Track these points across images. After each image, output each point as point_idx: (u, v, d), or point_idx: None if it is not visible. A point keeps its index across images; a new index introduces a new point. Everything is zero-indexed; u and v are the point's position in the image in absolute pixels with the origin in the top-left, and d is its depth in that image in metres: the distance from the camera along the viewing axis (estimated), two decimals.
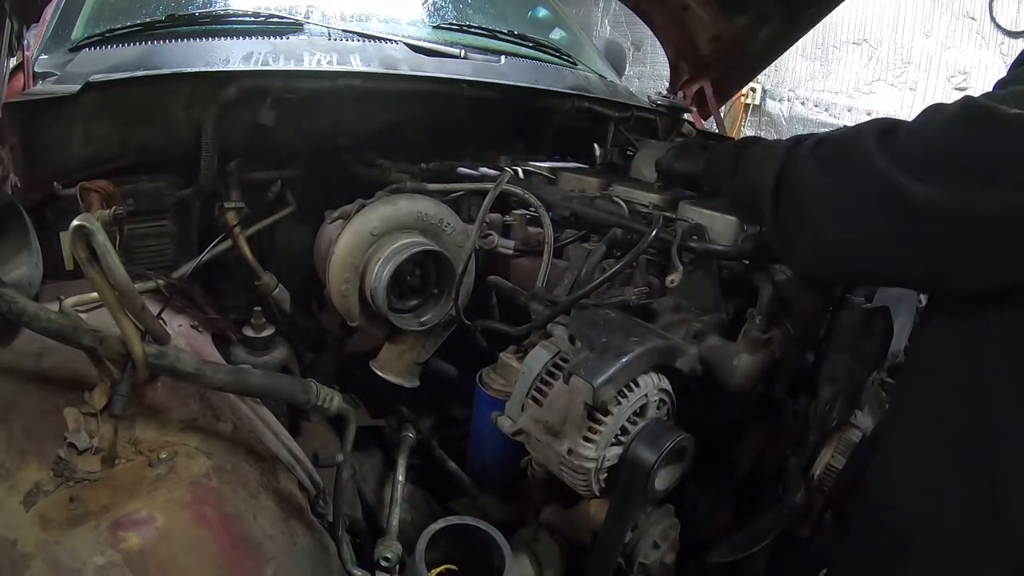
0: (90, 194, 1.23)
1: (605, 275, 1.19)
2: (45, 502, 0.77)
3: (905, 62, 5.76)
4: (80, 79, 1.25)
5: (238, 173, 1.47)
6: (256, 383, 0.95)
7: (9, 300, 0.81)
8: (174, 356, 0.88)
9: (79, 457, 0.82)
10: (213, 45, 1.57)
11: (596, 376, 0.96)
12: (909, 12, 5.66)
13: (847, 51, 6.10)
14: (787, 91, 6.54)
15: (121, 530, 0.76)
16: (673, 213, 1.35)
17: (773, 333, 1.16)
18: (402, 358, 1.43)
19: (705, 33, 2.36)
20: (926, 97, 5.70)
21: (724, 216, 1.33)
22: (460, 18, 2.14)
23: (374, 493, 1.36)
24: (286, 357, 1.37)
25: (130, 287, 0.82)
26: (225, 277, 1.57)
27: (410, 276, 1.38)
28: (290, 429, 1.18)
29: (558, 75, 2.06)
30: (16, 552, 0.72)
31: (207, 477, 0.86)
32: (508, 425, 1.09)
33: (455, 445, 1.43)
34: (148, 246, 1.39)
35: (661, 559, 1.11)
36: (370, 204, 1.38)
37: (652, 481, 0.99)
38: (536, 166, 1.66)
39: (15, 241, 1.02)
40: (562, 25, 2.63)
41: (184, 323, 1.23)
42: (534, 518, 1.24)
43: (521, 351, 1.23)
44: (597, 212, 1.40)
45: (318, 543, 0.97)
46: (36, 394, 0.87)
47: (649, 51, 7.08)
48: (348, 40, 1.73)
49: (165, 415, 0.91)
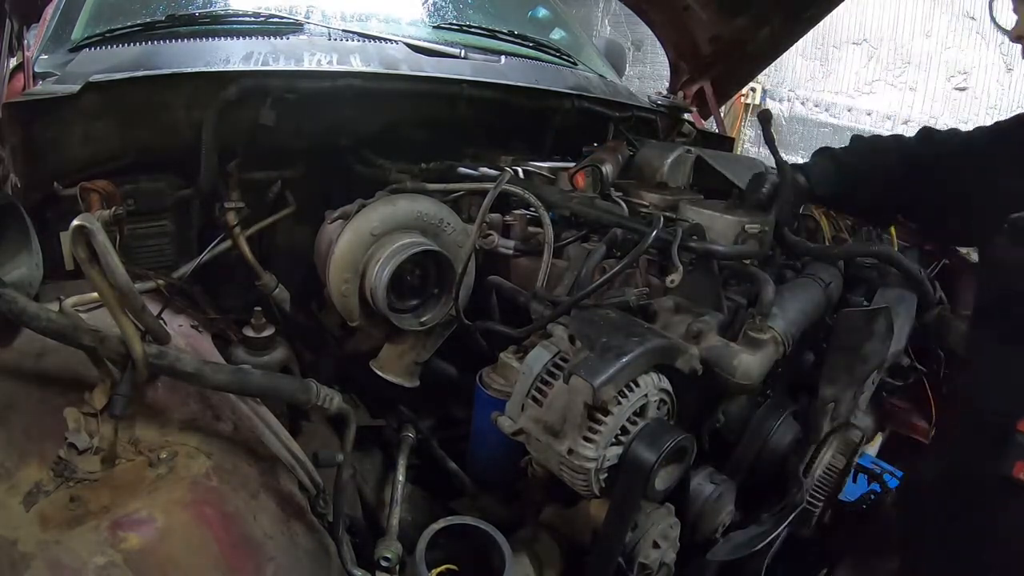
0: (90, 194, 1.23)
1: (606, 275, 1.19)
2: (45, 502, 0.77)
3: (905, 62, 5.76)
4: (80, 79, 1.25)
5: (238, 173, 1.47)
6: (256, 383, 0.95)
7: (9, 300, 0.81)
8: (174, 356, 0.88)
9: (79, 457, 0.82)
10: (213, 45, 1.57)
11: (596, 376, 0.96)
12: (909, 12, 5.66)
13: (847, 51, 6.10)
14: (787, 91, 6.54)
15: (121, 530, 0.76)
16: (673, 213, 1.35)
17: (773, 333, 1.16)
18: (402, 358, 1.43)
19: (705, 33, 2.36)
20: (926, 97, 5.71)
21: (724, 216, 1.34)
22: (460, 18, 2.14)
23: (374, 493, 1.36)
24: (286, 357, 1.37)
25: (130, 287, 0.82)
26: (225, 277, 1.56)
27: (410, 276, 1.38)
28: (290, 429, 1.18)
29: (558, 75, 2.06)
30: (16, 552, 0.72)
31: (207, 477, 0.86)
32: (508, 425, 1.09)
33: (455, 445, 1.43)
34: (148, 246, 1.39)
35: (661, 559, 1.11)
36: (370, 204, 1.38)
37: (652, 481, 0.99)
38: (536, 166, 1.66)
39: (15, 241, 1.02)
40: (562, 25, 2.63)
41: (184, 323, 1.23)
42: (534, 518, 1.24)
43: (521, 351, 1.23)
44: (597, 212, 1.40)
45: (318, 543, 0.97)
46: (36, 394, 0.87)
47: (649, 51, 7.08)
48: (348, 40, 1.74)
49: (165, 415, 0.91)
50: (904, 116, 5.86)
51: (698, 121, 2.58)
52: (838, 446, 1.21)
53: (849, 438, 1.22)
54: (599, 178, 1.58)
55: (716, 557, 1.12)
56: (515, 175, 1.54)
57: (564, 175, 1.66)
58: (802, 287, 1.39)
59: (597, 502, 1.12)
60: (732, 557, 1.12)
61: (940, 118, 5.65)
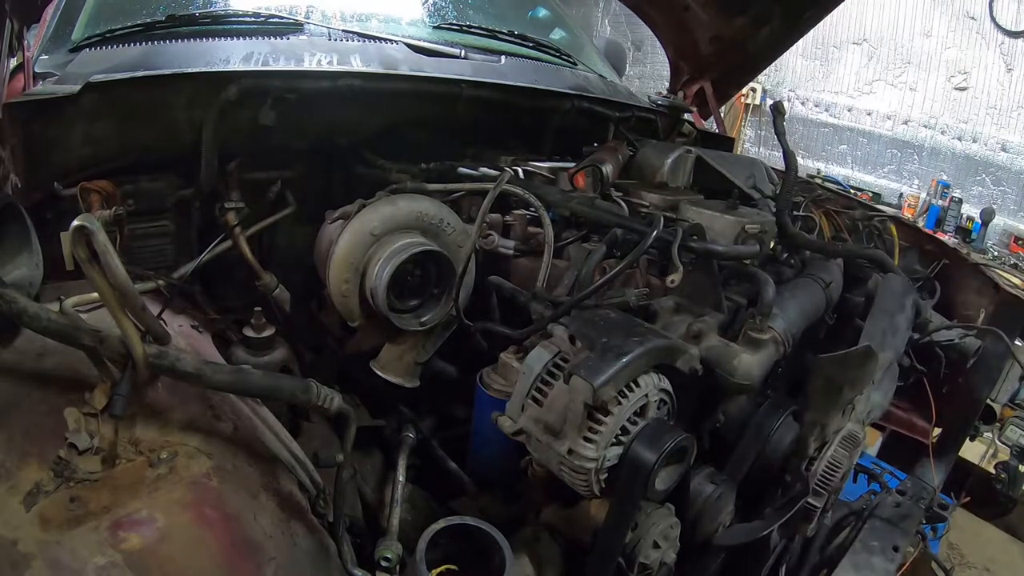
0: (90, 194, 1.23)
1: (607, 275, 1.19)
2: (45, 502, 0.77)
3: (905, 62, 5.77)
4: (80, 79, 1.25)
5: (238, 173, 1.47)
6: (256, 383, 0.95)
7: (9, 300, 0.80)
8: (174, 356, 0.88)
9: (79, 457, 0.82)
10: (213, 45, 1.57)
11: (596, 376, 0.96)
12: (909, 12, 5.66)
13: (847, 51, 6.10)
14: (787, 91, 6.54)
15: (121, 530, 0.76)
16: (673, 213, 1.35)
17: (773, 333, 1.16)
18: (402, 358, 1.43)
19: (705, 33, 2.36)
20: (926, 97, 5.71)
21: (724, 216, 1.34)
22: (460, 18, 2.14)
23: (374, 493, 1.36)
24: (286, 357, 1.37)
25: (130, 287, 0.82)
26: (225, 277, 1.56)
27: (410, 276, 1.38)
28: (290, 429, 1.18)
29: (558, 75, 2.06)
30: (16, 552, 0.72)
31: (207, 477, 0.86)
32: (508, 425, 1.09)
33: (455, 445, 1.43)
34: (148, 246, 1.39)
35: (661, 559, 1.11)
36: (370, 204, 1.38)
37: (652, 481, 0.99)
38: (536, 166, 1.66)
39: (15, 241, 1.02)
40: (562, 25, 2.63)
41: (184, 323, 1.23)
42: (534, 518, 1.24)
43: (521, 351, 1.23)
44: (597, 212, 1.40)
45: (318, 543, 0.97)
46: (36, 394, 0.87)
47: (649, 51, 7.08)
48: (348, 40, 1.73)
49: (165, 415, 0.91)
50: (904, 116, 5.87)
51: (698, 121, 2.58)
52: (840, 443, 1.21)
53: (851, 435, 1.22)
54: (599, 178, 1.58)
55: (721, 542, 1.12)
56: (515, 175, 1.54)
57: (564, 175, 1.66)
58: (802, 287, 1.39)
59: (597, 502, 1.12)
60: (737, 541, 1.12)
61: (940, 118, 5.65)
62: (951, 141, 5.64)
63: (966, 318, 1.90)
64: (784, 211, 1.41)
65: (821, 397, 1.15)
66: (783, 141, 1.45)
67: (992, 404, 1.87)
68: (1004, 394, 1.85)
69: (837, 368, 1.13)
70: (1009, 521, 2.32)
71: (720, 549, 1.16)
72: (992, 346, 1.77)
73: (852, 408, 1.22)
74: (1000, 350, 1.76)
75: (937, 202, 5.62)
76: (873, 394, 1.28)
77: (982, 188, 5.51)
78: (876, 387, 1.29)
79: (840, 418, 1.20)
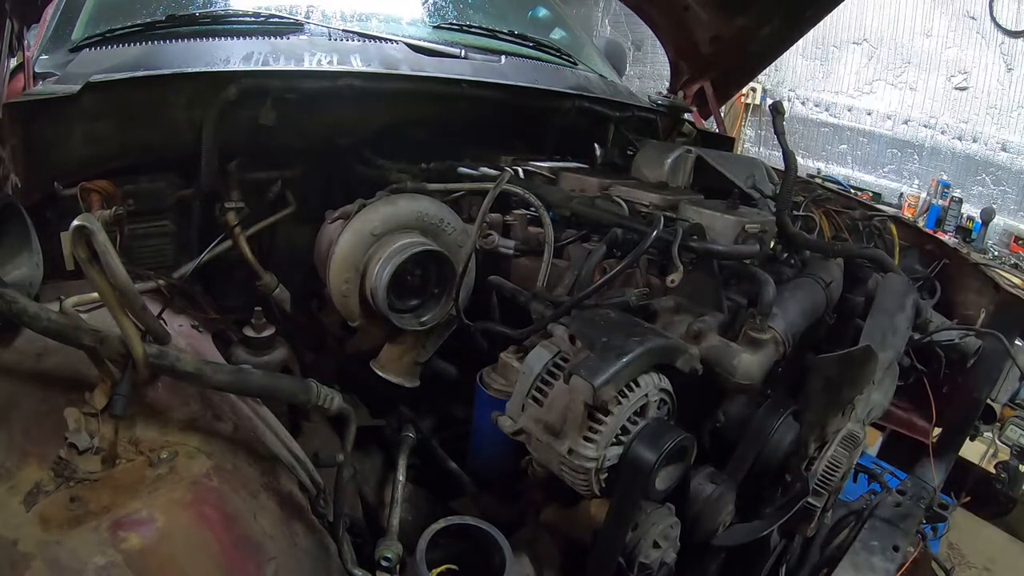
0: (90, 194, 1.23)
1: (607, 275, 1.19)
2: (46, 502, 0.77)
3: (905, 62, 5.77)
4: (80, 79, 1.25)
5: (238, 173, 1.47)
6: (256, 383, 0.95)
7: (9, 300, 0.81)
8: (174, 356, 0.87)
9: (80, 457, 0.82)
10: (213, 45, 1.57)
11: (596, 376, 0.96)
12: (909, 12, 5.66)
13: (847, 51, 6.10)
14: (787, 91, 6.54)
15: (122, 530, 0.76)
16: (673, 213, 1.35)
17: (773, 333, 1.16)
18: (402, 358, 1.43)
19: (705, 33, 2.36)
20: (926, 97, 5.71)
21: (724, 216, 1.34)
22: (460, 18, 2.14)
23: (374, 493, 1.36)
24: (286, 357, 1.37)
25: (130, 287, 0.82)
26: (225, 277, 1.57)
27: (410, 276, 1.38)
28: (290, 429, 1.18)
29: (558, 75, 2.06)
30: (16, 552, 0.72)
31: (208, 477, 0.86)
32: (508, 425, 1.09)
33: (455, 445, 1.43)
34: (148, 246, 1.39)
35: (661, 559, 1.11)
36: (370, 204, 1.38)
37: (653, 481, 0.99)
38: (537, 166, 1.66)
39: (15, 241, 1.02)
40: (562, 25, 2.63)
41: (184, 323, 1.23)
42: (534, 518, 1.24)
43: (521, 351, 1.23)
44: (597, 212, 1.40)
45: (318, 543, 0.97)
46: (36, 394, 0.87)
47: (649, 51, 7.08)
48: (348, 40, 1.73)
49: (165, 415, 0.91)
50: (904, 116, 5.87)
51: (698, 121, 2.58)
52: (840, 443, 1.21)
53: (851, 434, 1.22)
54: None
55: (721, 542, 1.12)
56: (515, 175, 1.54)
57: (564, 175, 1.66)
58: (802, 287, 1.39)
59: (597, 502, 1.12)
60: (736, 541, 1.12)
61: (940, 118, 5.65)
62: (951, 141, 5.64)
63: (966, 318, 1.90)
64: (784, 211, 1.41)
65: (821, 397, 1.15)
66: (783, 141, 1.45)
67: (992, 404, 1.87)
68: (1004, 394, 1.85)
69: (837, 368, 1.13)
70: (1009, 521, 2.32)
71: (720, 549, 1.16)
72: (992, 346, 1.77)
73: (852, 408, 1.21)
74: (1000, 350, 1.76)
75: (937, 202, 5.62)
76: (873, 394, 1.28)
77: (982, 188, 5.51)
78: (876, 387, 1.29)
79: (840, 418, 1.20)
